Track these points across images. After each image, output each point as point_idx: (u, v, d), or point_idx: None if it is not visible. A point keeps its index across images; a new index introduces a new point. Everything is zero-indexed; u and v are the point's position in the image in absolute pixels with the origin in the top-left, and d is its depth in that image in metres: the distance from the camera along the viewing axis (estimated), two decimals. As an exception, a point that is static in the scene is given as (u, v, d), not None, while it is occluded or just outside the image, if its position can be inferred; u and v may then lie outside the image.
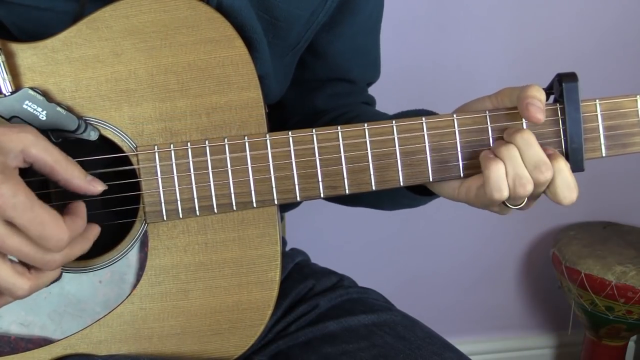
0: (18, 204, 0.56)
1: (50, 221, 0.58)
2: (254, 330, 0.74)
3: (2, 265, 0.59)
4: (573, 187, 0.67)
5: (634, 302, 1.52)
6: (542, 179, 0.67)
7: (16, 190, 0.57)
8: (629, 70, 1.64)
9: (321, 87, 0.93)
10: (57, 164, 0.62)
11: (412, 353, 0.79)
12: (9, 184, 0.57)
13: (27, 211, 0.57)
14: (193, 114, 0.71)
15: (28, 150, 0.60)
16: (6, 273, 0.59)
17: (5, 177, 0.57)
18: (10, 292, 0.60)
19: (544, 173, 0.66)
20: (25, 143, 0.60)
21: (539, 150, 0.67)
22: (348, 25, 0.88)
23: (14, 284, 0.59)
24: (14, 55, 0.69)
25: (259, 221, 0.72)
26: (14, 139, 0.60)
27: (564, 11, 1.60)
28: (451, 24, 1.58)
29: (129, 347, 0.72)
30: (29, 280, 0.60)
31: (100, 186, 0.65)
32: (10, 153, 0.59)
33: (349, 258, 1.54)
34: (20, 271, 0.60)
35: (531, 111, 0.67)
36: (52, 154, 0.61)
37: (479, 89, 0.79)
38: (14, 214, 0.56)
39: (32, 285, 0.61)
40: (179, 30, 0.70)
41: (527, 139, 0.67)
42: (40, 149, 0.61)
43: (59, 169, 0.62)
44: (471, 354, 0.85)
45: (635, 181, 1.75)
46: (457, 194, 0.73)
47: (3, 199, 0.56)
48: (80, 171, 0.63)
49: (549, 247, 1.73)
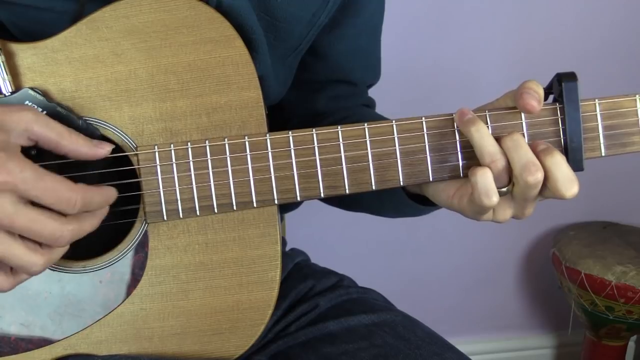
0: (27, 177, 0.58)
1: (61, 185, 0.60)
2: (255, 330, 0.74)
3: (14, 244, 0.60)
4: (573, 178, 0.67)
5: (634, 302, 1.52)
6: (532, 181, 0.66)
7: (23, 165, 0.58)
8: (629, 69, 1.64)
9: (322, 88, 0.93)
10: (61, 136, 0.63)
11: (412, 353, 0.79)
12: (15, 161, 0.58)
13: (38, 181, 0.59)
14: (193, 114, 0.71)
15: (31, 128, 0.61)
16: (20, 251, 0.60)
17: (9, 155, 0.58)
18: (25, 270, 0.61)
19: (533, 174, 0.66)
20: (26, 121, 0.61)
21: (528, 151, 0.67)
22: (349, 27, 0.88)
23: (28, 260, 0.60)
24: (14, 56, 0.69)
25: (259, 221, 0.72)
26: (15, 118, 0.61)
27: (563, 11, 1.60)
28: (451, 25, 1.58)
29: (129, 347, 0.72)
30: (43, 255, 0.61)
31: (108, 146, 0.66)
32: (13, 131, 0.61)
33: (349, 258, 1.54)
34: (32, 248, 0.61)
35: (525, 99, 0.67)
36: (55, 129, 0.63)
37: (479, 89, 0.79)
38: (25, 187, 0.58)
39: (46, 261, 0.62)
40: (179, 30, 0.70)
41: (516, 140, 0.67)
42: (43, 125, 0.62)
43: (64, 142, 0.63)
44: (471, 354, 0.85)
45: (635, 181, 1.75)
46: (450, 202, 0.73)
47: (12, 175, 0.58)
48: (85, 139, 0.65)
49: (549, 247, 1.73)
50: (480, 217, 0.70)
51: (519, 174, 0.66)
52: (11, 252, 0.59)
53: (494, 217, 0.70)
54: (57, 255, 0.63)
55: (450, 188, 0.73)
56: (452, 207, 0.73)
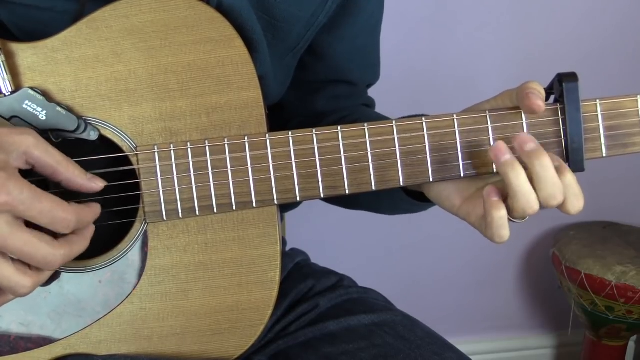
0: (26, 199, 0.58)
1: (58, 207, 0.61)
2: (254, 330, 0.74)
3: (4, 265, 0.60)
4: (581, 196, 0.67)
5: (634, 302, 1.52)
6: (555, 205, 0.66)
7: (21, 187, 0.59)
8: (630, 70, 1.64)
9: (321, 88, 0.93)
10: (59, 165, 0.64)
11: (412, 353, 0.78)
12: (14, 182, 0.59)
13: (35, 203, 0.59)
14: (193, 113, 0.71)
15: (31, 152, 0.62)
16: (9, 272, 0.60)
17: (9, 176, 0.59)
18: (12, 291, 0.61)
19: (558, 199, 0.65)
20: (27, 145, 0.62)
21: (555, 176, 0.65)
22: (349, 27, 0.88)
23: (17, 282, 0.61)
24: (14, 55, 0.69)
25: (259, 221, 0.72)
26: (16, 141, 0.61)
27: (564, 11, 1.60)
28: (451, 25, 1.58)
29: (128, 347, 0.72)
30: (31, 278, 0.61)
31: (101, 182, 0.67)
32: (12, 153, 0.61)
33: (349, 258, 1.54)
34: (22, 269, 0.61)
35: (531, 99, 0.66)
36: (54, 156, 0.63)
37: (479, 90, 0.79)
38: (23, 208, 0.58)
39: (34, 283, 0.62)
40: (178, 30, 0.70)
41: (546, 167, 0.65)
42: (42, 151, 0.62)
43: (61, 170, 0.64)
44: (471, 354, 0.85)
45: (635, 181, 1.75)
46: (456, 212, 0.73)
47: (11, 196, 0.58)
48: (80, 171, 0.65)
49: (549, 247, 1.73)
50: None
51: (543, 199, 0.65)
52: (1, 273, 0.60)
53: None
54: (44, 278, 0.63)
55: (454, 198, 0.73)
56: (457, 216, 0.73)
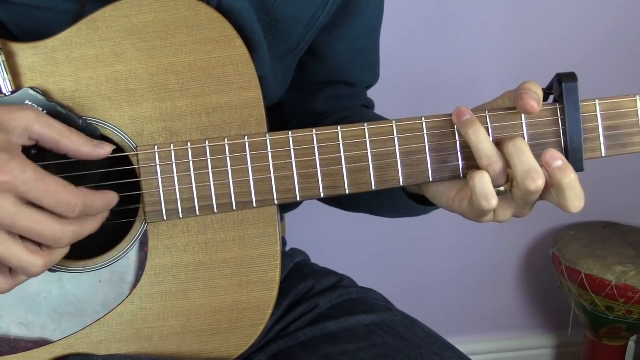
0: (29, 179, 0.58)
1: (62, 188, 0.60)
2: (254, 330, 0.74)
3: (15, 245, 0.60)
4: (582, 196, 0.66)
5: (634, 302, 1.52)
6: (533, 188, 0.65)
7: (24, 166, 0.58)
8: (629, 70, 1.64)
9: (321, 89, 0.93)
10: (62, 135, 0.63)
11: (412, 353, 0.79)
12: (16, 161, 0.58)
13: (38, 183, 0.58)
14: (193, 113, 0.71)
15: (32, 127, 0.61)
16: (20, 252, 0.60)
17: (11, 155, 0.58)
18: (25, 271, 0.61)
19: (535, 182, 0.65)
20: (27, 120, 0.61)
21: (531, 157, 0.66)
22: (349, 28, 0.88)
23: (28, 261, 0.60)
24: (14, 55, 0.69)
25: (259, 221, 0.72)
26: (15, 118, 0.61)
27: (563, 12, 1.60)
28: (451, 26, 1.58)
29: (129, 347, 0.72)
30: (43, 257, 0.61)
31: (109, 147, 0.66)
32: (14, 131, 0.61)
33: (349, 258, 1.54)
34: (32, 249, 0.61)
35: (525, 99, 0.67)
36: (55, 128, 0.63)
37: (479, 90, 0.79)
38: (26, 189, 0.58)
39: (46, 262, 0.62)
40: (179, 30, 0.70)
41: (519, 147, 0.66)
42: (44, 124, 0.62)
43: (65, 141, 0.63)
44: (471, 354, 0.85)
45: (635, 181, 1.75)
46: (451, 205, 0.73)
47: (13, 176, 0.57)
48: (86, 139, 0.65)
49: (549, 247, 1.73)
50: (481, 219, 0.70)
51: (520, 181, 0.66)
52: (11, 253, 0.59)
53: (494, 218, 0.70)
54: (57, 257, 0.63)
55: (450, 191, 0.73)
56: (453, 210, 0.73)
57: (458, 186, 0.72)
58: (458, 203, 0.72)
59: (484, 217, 0.69)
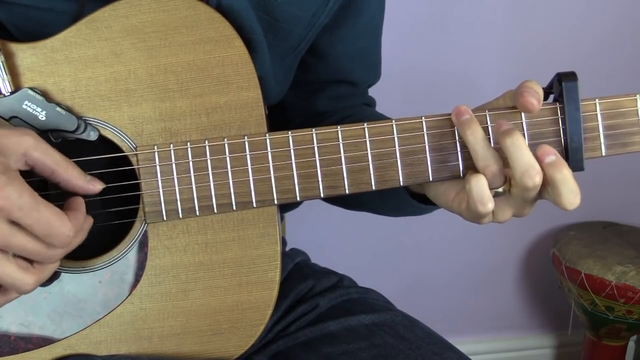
0: (24, 205, 0.58)
1: (55, 219, 0.60)
2: (254, 330, 0.74)
3: (6, 263, 0.60)
4: (577, 192, 0.66)
5: (634, 302, 1.52)
6: (531, 185, 0.65)
7: (21, 192, 0.58)
8: (629, 69, 1.64)
9: (322, 88, 0.93)
10: (58, 166, 0.63)
11: (412, 353, 0.78)
12: (14, 186, 0.58)
13: (33, 211, 0.58)
14: (193, 113, 0.71)
15: (30, 154, 0.62)
16: (12, 270, 0.60)
17: (9, 179, 0.58)
18: (16, 288, 0.62)
19: (533, 178, 0.65)
20: (26, 146, 0.62)
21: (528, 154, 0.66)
22: (350, 28, 0.88)
23: (20, 280, 0.61)
24: (13, 55, 0.69)
25: (259, 221, 0.72)
26: (15, 142, 0.61)
27: (563, 11, 1.60)
28: (452, 26, 1.58)
29: (128, 347, 0.72)
30: (34, 274, 0.61)
31: (99, 185, 0.67)
32: (12, 155, 0.61)
33: (349, 258, 1.54)
34: (24, 267, 0.61)
35: (525, 96, 0.67)
36: (53, 157, 0.63)
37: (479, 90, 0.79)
38: (20, 215, 0.58)
39: (37, 280, 0.62)
40: (178, 30, 0.70)
41: (516, 142, 0.66)
42: (42, 152, 0.62)
43: (60, 171, 0.64)
44: (471, 354, 0.85)
45: (635, 181, 1.75)
46: (450, 205, 0.73)
47: (9, 201, 0.57)
48: (79, 172, 0.65)
49: (549, 247, 1.73)
50: (480, 221, 0.70)
51: (518, 178, 0.66)
52: (4, 271, 0.60)
53: (494, 219, 0.70)
54: (47, 274, 0.63)
55: (450, 191, 0.73)
56: (452, 211, 0.73)
57: (458, 187, 0.72)
58: (457, 204, 0.72)
59: (481, 219, 0.69)
